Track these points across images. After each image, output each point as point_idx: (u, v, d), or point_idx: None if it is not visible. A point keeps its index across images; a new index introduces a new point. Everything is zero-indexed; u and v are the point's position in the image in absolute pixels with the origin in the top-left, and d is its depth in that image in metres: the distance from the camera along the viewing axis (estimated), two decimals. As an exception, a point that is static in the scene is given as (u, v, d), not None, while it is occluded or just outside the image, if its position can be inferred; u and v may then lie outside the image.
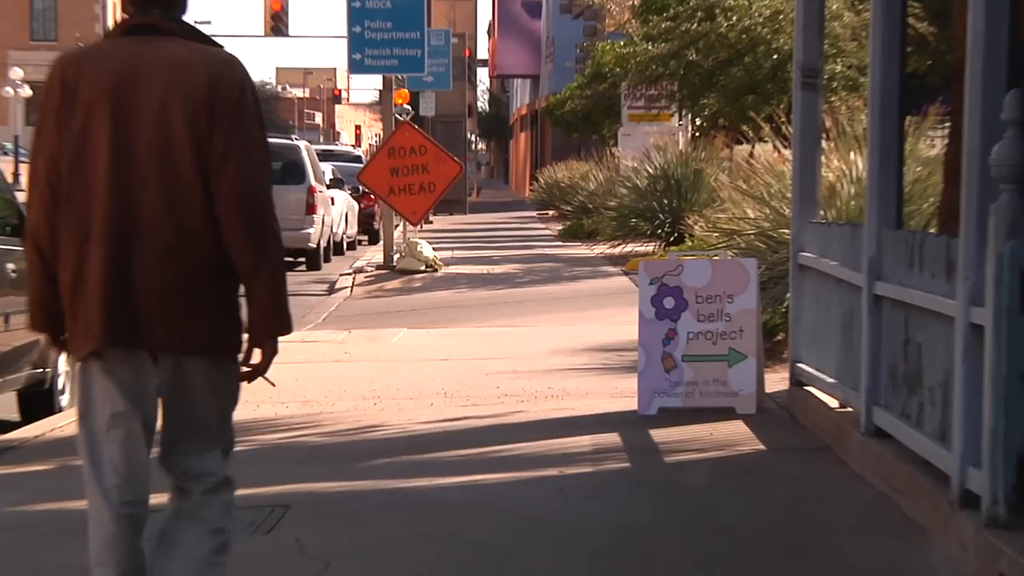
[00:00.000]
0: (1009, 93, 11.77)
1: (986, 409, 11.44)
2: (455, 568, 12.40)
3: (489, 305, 33.15)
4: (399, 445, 16.40)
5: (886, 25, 15.78)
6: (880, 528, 13.27)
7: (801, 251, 19.19)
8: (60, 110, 9.01)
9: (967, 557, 11.57)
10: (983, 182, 11.76)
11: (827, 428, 16.85)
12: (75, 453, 16.99)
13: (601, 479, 15.88)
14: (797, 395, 18.60)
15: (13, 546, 13.20)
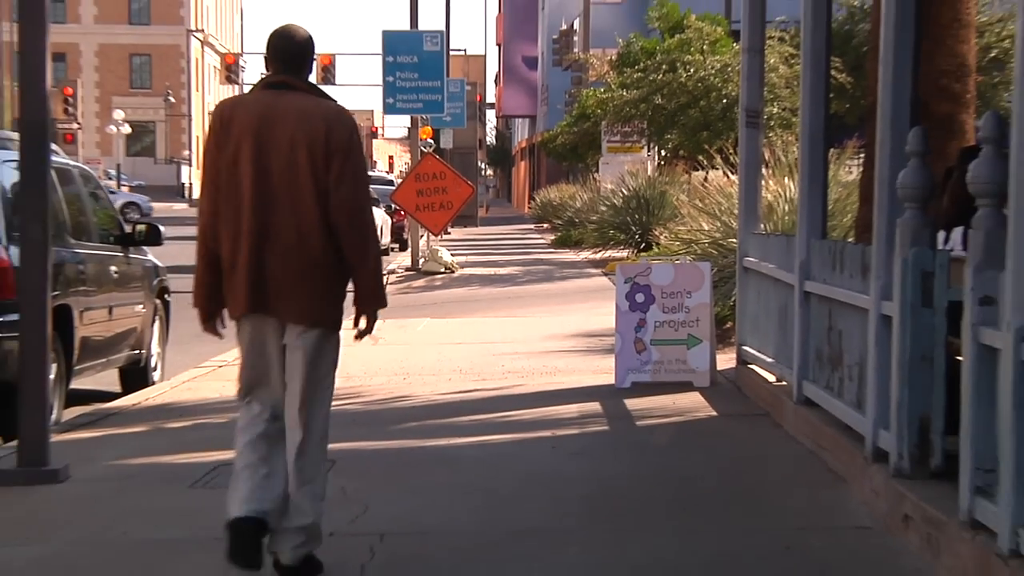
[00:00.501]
0: (912, 130, 11.82)
1: (893, 383, 11.48)
2: (469, 511, 12.44)
3: (495, 300, 33.17)
4: (424, 412, 16.39)
5: (813, 76, 15.81)
6: (809, 478, 13.33)
7: (745, 256, 19.24)
8: (218, 143, 10.53)
9: (878, 502, 11.63)
10: (891, 201, 11.79)
11: (766, 398, 16.93)
12: (165, 418, 17.13)
13: (586, 439, 15.93)
14: (742, 372, 18.67)
15: (116, 492, 13.23)
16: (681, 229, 32.40)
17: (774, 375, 16.96)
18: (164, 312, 20.67)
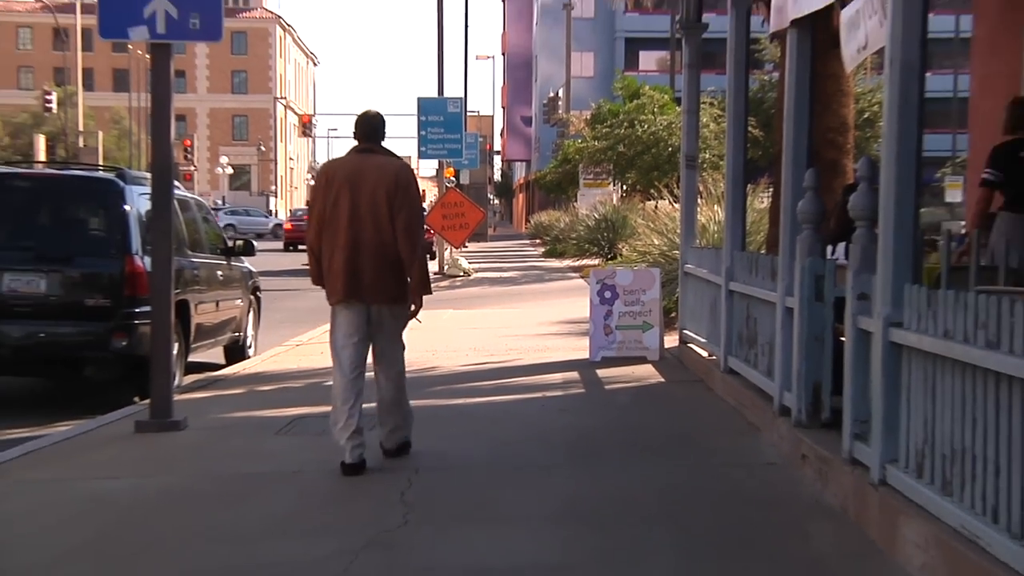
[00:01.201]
0: (808, 171, 11.80)
1: (794, 357, 11.48)
2: (483, 452, 12.49)
3: (501, 296, 33.09)
4: (447, 379, 16.37)
5: (735, 131, 15.79)
6: (732, 427, 13.32)
7: (685, 264, 19.16)
8: (325, 187, 12.06)
9: (783, 445, 11.65)
10: (793, 223, 11.77)
11: (701, 369, 16.87)
12: (257, 383, 17.07)
13: (567, 399, 15.87)
14: (683, 349, 18.58)
15: (221, 438, 13.27)
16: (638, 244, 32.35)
17: (707, 352, 16.89)
18: (256, 305, 20.64)
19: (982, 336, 7.13)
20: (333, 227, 11.73)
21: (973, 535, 7.16)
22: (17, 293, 15.88)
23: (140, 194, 15.80)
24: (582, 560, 8.52)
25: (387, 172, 11.91)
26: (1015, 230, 11.45)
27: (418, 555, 8.64)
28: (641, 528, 9.40)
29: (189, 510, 10.16)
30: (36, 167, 22.43)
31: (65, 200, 16.93)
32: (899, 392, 8.62)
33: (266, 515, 9.86)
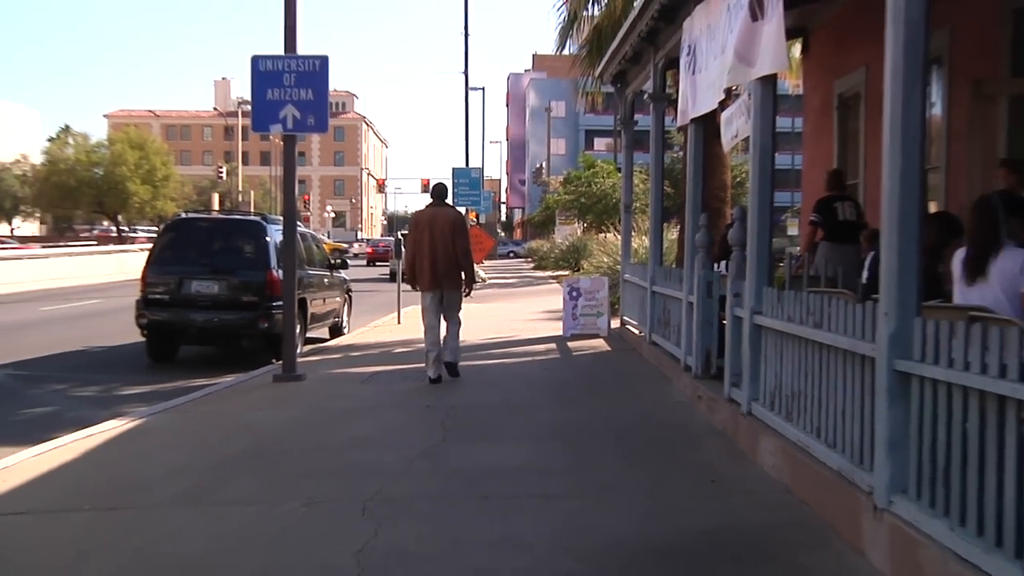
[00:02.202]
0: (702, 215, 11.72)
1: (693, 334, 11.39)
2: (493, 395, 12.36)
3: (505, 295, 32.87)
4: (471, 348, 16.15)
5: (655, 188, 15.68)
6: (654, 379, 13.20)
7: (624, 274, 18.92)
8: (415, 226, 13.63)
9: (686, 390, 11.53)
10: (692, 248, 11.67)
11: (634, 341, 16.69)
12: (349, 351, 16.92)
13: (548, 360, 15.76)
14: (623, 329, 18.35)
15: (325, 385, 13.17)
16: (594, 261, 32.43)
17: (638, 331, 16.64)
18: (349, 300, 20.55)
19: (811, 320, 7.15)
20: (421, 249, 13.33)
21: (805, 446, 7.17)
22: (200, 293, 16.15)
23: (275, 230, 15.94)
24: (556, 463, 8.52)
25: (450, 217, 13.62)
26: (831, 253, 11.49)
27: (452, 461, 8.66)
28: (594, 442, 9.39)
29: (306, 431, 10.17)
30: (212, 214, 22.55)
31: (230, 234, 17.14)
32: (759, 355, 8.63)
33: (355, 435, 9.85)
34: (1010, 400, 4.50)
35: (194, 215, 20.13)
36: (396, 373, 14.33)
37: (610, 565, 5.84)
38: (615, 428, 10.16)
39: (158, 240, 17.61)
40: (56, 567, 6.03)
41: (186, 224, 18.01)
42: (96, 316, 24.61)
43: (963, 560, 4.77)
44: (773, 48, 8.17)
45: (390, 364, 15.33)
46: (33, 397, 13.32)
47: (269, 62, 13.70)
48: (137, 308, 16.31)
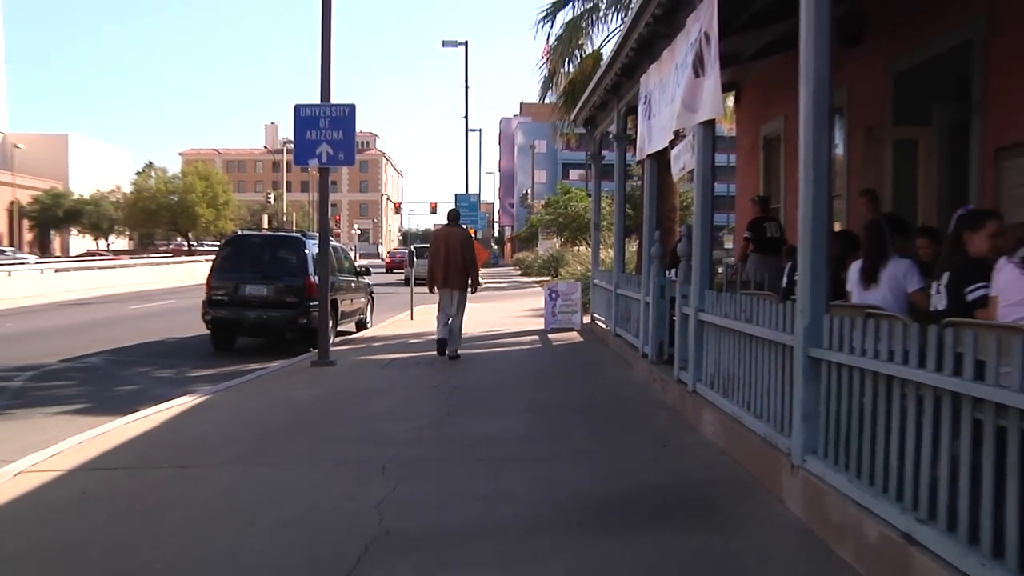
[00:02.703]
0: (656, 232, 11.72)
1: (650, 327, 11.38)
2: (487, 378, 12.34)
3: (496, 296, 32.68)
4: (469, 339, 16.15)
5: (619, 210, 15.68)
6: (618, 364, 13.15)
7: (594, 280, 18.92)
8: (434, 241, 14.30)
9: (643, 373, 11.50)
10: (648, 259, 11.68)
11: (601, 334, 16.63)
12: (372, 342, 16.87)
13: (532, 349, 15.72)
14: (593, 324, 18.26)
15: (353, 370, 13.12)
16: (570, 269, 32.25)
17: (605, 325, 16.54)
18: (371, 300, 20.45)
19: (743, 316, 7.18)
20: (438, 259, 14.05)
21: (738, 417, 7.19)
22: (253, 295, 16.20)
23: (313, 244, 15.92)
24: (536, 432, 8.52)
25: (460, 235, 14.31)
26: (759, 263, 11.51)
27: (454, 430, 8.65)
28: (568, 415, 9.38)
29: (337, 406, 10.14)
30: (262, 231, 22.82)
31: (276, 248, 17.07)
32: (702, 345, 8.64)
33: (377, 409, 9.85)
34: (895, 379, 4.56)
35: (248, 232, 20.89)
36: (409, 360, 14.29)
37: (580, 512, 5.86)
38: (586, 403, 10.15)
39: (219, 252, 17.65)
40: (140, 511, 6.08)
41: (241, 240, 18.21)
42: (171, 313, 24.58)
43: (858, 505, 4.83)
44: (712, 99, 8.21)
45: (404, 352, 15.28)
46: (123, 377, 13.38)
47: (308, 109, 13.73)
48: (203, 307, 16.50)
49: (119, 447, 8.05)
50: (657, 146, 10.79)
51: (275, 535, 5.49)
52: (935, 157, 10.25)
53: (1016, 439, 3.65)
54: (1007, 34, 8.71)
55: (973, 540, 3.87)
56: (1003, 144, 8.73)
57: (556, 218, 58.66)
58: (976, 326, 4.44)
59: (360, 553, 5.05)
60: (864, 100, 11.84)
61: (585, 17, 20.72)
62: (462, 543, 5.29)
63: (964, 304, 5.28)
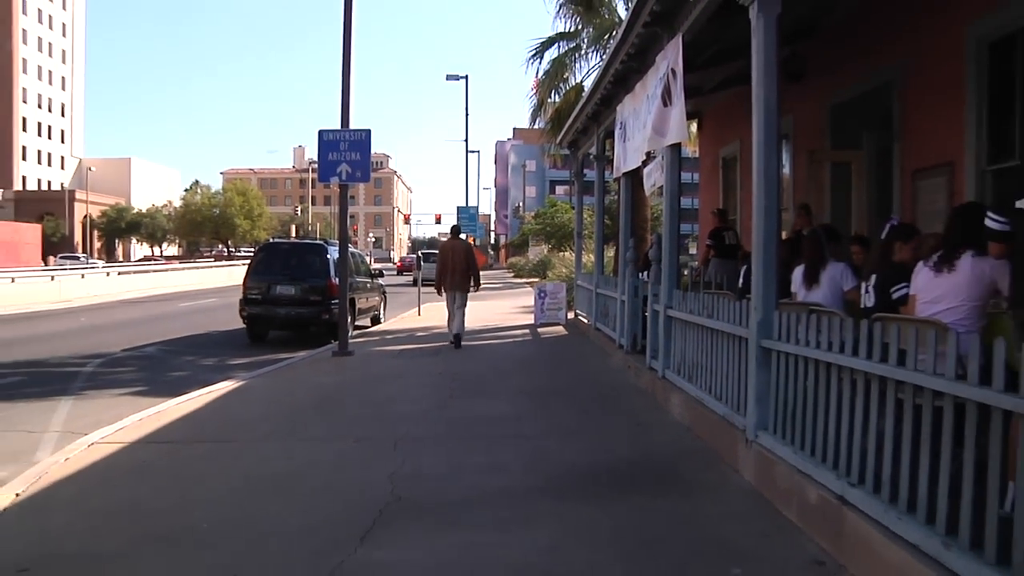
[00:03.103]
0: (631, 240, 11.73)
1: (625, 322, 11.40)
2: (483, 366, 12.30)
3: (493, 295, 32.51)
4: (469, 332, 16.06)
5: (598, 220, 15.68)
6: (598, 354, 13.12)
7: (577, 281, 18.86)
8: (442, 251, 14.74)
9: (620, 361, 11.51)
10: (624, 263, 11.69)
11: (584, 329, 16.57)
12: (385, 335, 16.81)
13: (523, 341, 15.69)
14: (576, 320, 18.24)
15: (368, 359, 13.06)
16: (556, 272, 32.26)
17: (587, 321, 16.47)
18: (384, 299, 20.37)
19: (705, 312, 7.22)
20: (445, 266, 14.49)
21: (701, 399, 7.23)
22: (282, 294, 16.15)
23: (334, 251, 15.90)
24: (525, 411, 8.54)
25: (464, 246, 14.96)
26: (719, 267, 11.49)
27: (455, 411, 8.67)
28: (553, 397, 9.41)
29: (355, 390, 10.13)
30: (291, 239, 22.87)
31: (303, 254, 17.04)
32: (670, 337, 8.67)
33: (390, 393, 9.85)
34: (834, 365, 4.62)
35: (278, 240, 20.72)
36: (417, 350, 14.27)
37: (566, 481, 5.90)
38: (570, 388, 10.15)
39: (254, 257, 17.60)
40: (190, 478, 6.15)
41: (273, 246, 18.17)
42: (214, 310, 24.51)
43: (802, 472, 4.89)
44: (678, 125, 8.26)
45: (413, 344, 15.27)
46: (175, 364, 13.37)
47: (330, 134, 13.72)
48: (240, 305, 16.45)
49: (172, 424, 8.11)
50: (631, 165, 10.81)
51: (303, 500, 5.54)
52: (865, 177, 10.34)
53: (929, 415, 3.72)
54: (919, 78, 8.95)
55: (893, 499, 3.94)
56: (919, 167, 8.91)
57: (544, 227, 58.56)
58: (899, 320, 4.51)
59: (376, 516, 5.10)
60: (806, 128, 11.95)
61: (569, 55, 20.82)
62: (463, 508, 5.33)
63: (890, 302, 5.34)
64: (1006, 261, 4.26)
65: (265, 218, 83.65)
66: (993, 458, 3.28)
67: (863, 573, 4.01)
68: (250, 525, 5.06)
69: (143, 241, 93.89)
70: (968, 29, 7.92)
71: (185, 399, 9.44)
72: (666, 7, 8.12)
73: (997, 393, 3.21)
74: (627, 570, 4.29)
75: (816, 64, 11.32)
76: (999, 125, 7.68)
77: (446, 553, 4.55)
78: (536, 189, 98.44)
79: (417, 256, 29.04)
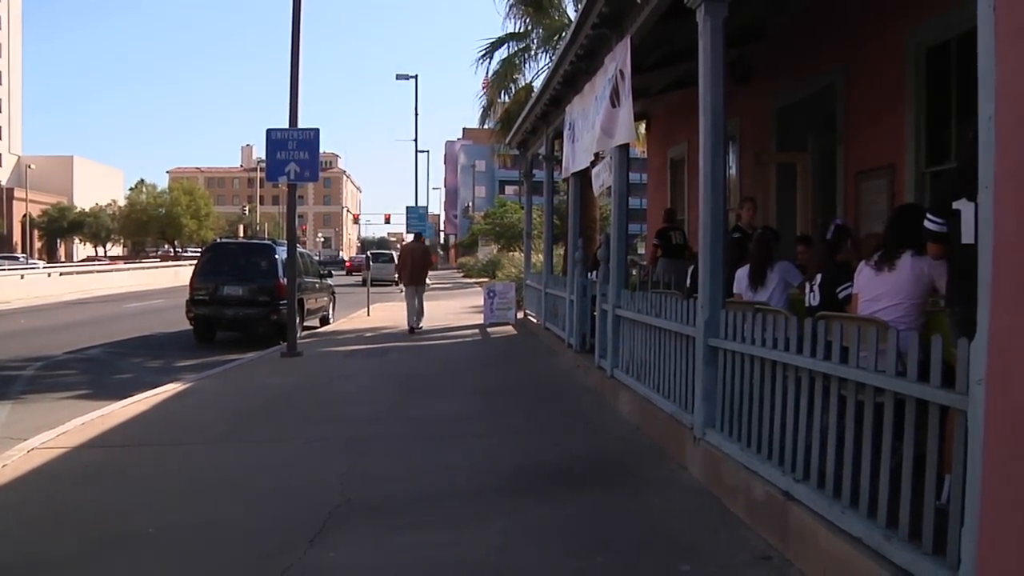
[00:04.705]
0: (579, 240, 11.77)
1: (574, 322, 11.43)
2: (433, 366, 12.31)
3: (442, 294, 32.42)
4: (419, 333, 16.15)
5: (547, 220, 15.73)
6: (547, 353, 13.15)
7: (526, 281, 18.86)
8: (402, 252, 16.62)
9: (569, 361, 11.52)
10: (573, 263, 11.73)
11: (534, 329, 16.58)
12: (334, 335, 16.70)
13: (474, 341, 15.67)
14: (526, 320, 18.24)
15: (319, 360, 12.94)
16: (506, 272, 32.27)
17: (536, 320, 16.48)
18: (333, 299, 20.15)
19: (653, 311, 7.28)
20: (406, 264, 16.78)
21: (649, 398, 7.29)
22: (230, 295, 15.91)
23: (282, 251, 15.68)
24: (478, 412, 8.55)
25: (422, 247, 17.29)
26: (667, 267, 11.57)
27: (407, 412, 8.63)
28: (505, 397, 9.42)
29: (305, 392, 10.05)
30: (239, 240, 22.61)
31: (251, 254, 16.87)
32: (619, 336, 8.72)
33: (340, 394, 9.81)
34: (779, 363, 4.68)
35: (226, 240, 20.63)
36: (367, 351, 14.20)
37: (516, 480, 5.91)
38: (520, 387, 10.18)
39: (201, 258, 17.40)
40: (135, 482, 6.05)
41: (220, 246, 18.01)
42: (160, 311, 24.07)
43: (748, 469, 4.95)
44: (626, 126, 8.33)
45: (363, 344, 15.18)
46: (119, 367, 13.13)
47: (278, 133, 13.57)
48: (187, 305, 16.20)
49: (116, 427, 7.94)
50: (580, 166, 10.87)
51: (252, 504, 5.47)
52: (810, 177, 10.53)
53: (871, 411, 3.80)
54: (861, 82, 9.18)
55: (837, 494, 4.00)
56: (861, 169, 9.11)
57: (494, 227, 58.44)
58: (841, 319, 4.60)
59: (325, 518, 5.05)
60: (753, 130, 12.14)
61: (519, 55, 20.86)
62: (414, 508, 5.31)
63: (836, 301, 5.43)
64: (944, 261, 4.36)
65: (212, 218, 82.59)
66: (931, 452, 3.35)
67: (808, 567, 4.07)
68: (197, 529, 4.98)
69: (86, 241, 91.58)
70: (907, 36, 8.11)
71: (130, 402, 9.26)
72: (615, 9, 8.18)
73: (934, 389, 3.29)
74: (577, 567, 4.31)
75: (763, 67, 11.49)
76: (937, 129, 7.88)
77: (396, 554, 4.53)
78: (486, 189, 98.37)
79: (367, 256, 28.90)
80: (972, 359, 2.97)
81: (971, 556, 2.92)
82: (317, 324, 19.04)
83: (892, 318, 4.60)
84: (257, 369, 12.18)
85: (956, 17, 7.07)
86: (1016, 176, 2.69)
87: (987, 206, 2.84)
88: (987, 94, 2.83)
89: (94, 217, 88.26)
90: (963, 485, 3.03)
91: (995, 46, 2.80)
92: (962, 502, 3.03)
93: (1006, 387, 2.78)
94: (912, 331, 4.39)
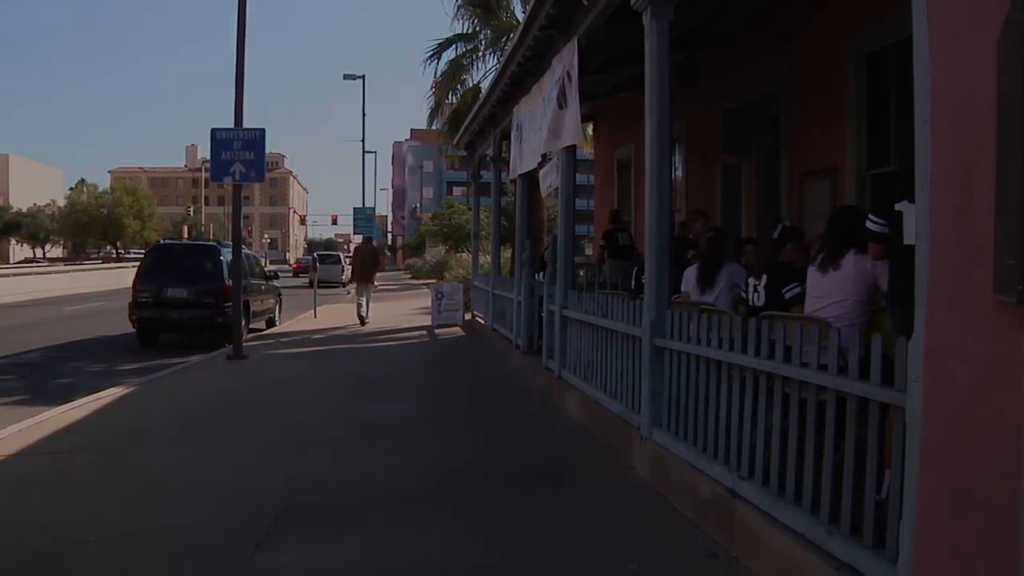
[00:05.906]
0: (527, 240, 11.81)
1: (522, 323, 11.46)
2: (381, 367, 12.20)
3: (389, 296, 32.32)
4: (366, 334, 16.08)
5: (495, 220, 15.80)
6: (495, 355, 13.18)
7: (474, 282, 18.86)
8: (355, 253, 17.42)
9: (517, 362, 11.55)
10: (520, 263, 11.78)
11: (481, 329, 16.58)
12: (281, 337, 16.50)
13: (421, 343, 15.64)
14: (474, 321, 18.19)
15: (265, 363, 12.80)
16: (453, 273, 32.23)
17: (484, 321, 16.49)
18: (280, 301, 19.97)
19: (600, 312, 7.32)
20: (357, 264, 18.55)
21: (597, 398, 7.33)
22: (174, 297, 15.59)
23: (227, 252, 15.48)
24: (426, 413, 8.54)
25: (372, 248, 19.17)
26: (613, 267, 11.71)
27: (356, 414, 8.57)
28: (453, 399, 9.41)
29: (252, 395, 9.93)
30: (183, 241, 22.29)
31: (195, 255, 16.57)
32: (566, 337, 8.75)
33: (287, 397, 9.70)
34: (724, 363, 4.74)
35: (170, 242, 20.65)
36: (314, 353, 14.06)
37: (463, 482, 5.90)
38: (468, 389, 10.17)
39: (144, 259, 17.06)
40: (76, 491, 5.87)
41: (164, 248, 17.74)
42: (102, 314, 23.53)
43: (695, 467, 5.00)
44: (573, 127, 8.37)
45: (310, 347, 15.02)
46: (59, 371, 12.75)
47: (223, 133, 13.39)
48: (130, 308, 15.84)
49: (56, 433, 7.72)
50: (528, 167, 10.89)
51: (197, 510, 5.37)
52: (755, 179, 10.71)
53: (814, 409, 3.86)
54: (804, 86, 9.39)
55: (781, 491, 4.06)
56: (805, 171, 9.29)
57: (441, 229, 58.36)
58: (784, 318, 4.68)
59: (271, 523, 4.98)
60: (699, 132, 12.30)
61: (467, 56, 20.84)
62: (361, 512, 5.28)
63: (782, 301, 5.51)
64: (885, 261, 4.46)
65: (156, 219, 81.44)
66: (871, 448, 3.42)
67: (753, 563, 4.13)
68: (141, 537, 4.87)
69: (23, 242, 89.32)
70: (849, 42, 8.28)
71: (71, 407, 9.02)
72: (562, 11, 8.22)
73: (874, 386, 3.36)
74: (527, 568, 4.31)
75: (709, 71, 11.63)
76: (878, 132, 8.06)
77: (344, 557, 4.49)
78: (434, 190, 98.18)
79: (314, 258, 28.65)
80: (910, 357, 3.04)
81: (908, 549, 2.98)
82: (263, 326, 18.82)
83: (837, 314, 4.69)
84: (202, 372, 11.99)
85: (894, 25, 7.23)
86: (950, 178, 2.75)
87: (923, 207, 2.90)
88: (922, 98, 2.89)
89: (32, 217, 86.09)
90: (901, 480, 3.10)
91: (929, 53, 2.87)
92: (900, 497, 3.09)
93: (941, 384, 2.85)
94: (854, 329, 4.48)
